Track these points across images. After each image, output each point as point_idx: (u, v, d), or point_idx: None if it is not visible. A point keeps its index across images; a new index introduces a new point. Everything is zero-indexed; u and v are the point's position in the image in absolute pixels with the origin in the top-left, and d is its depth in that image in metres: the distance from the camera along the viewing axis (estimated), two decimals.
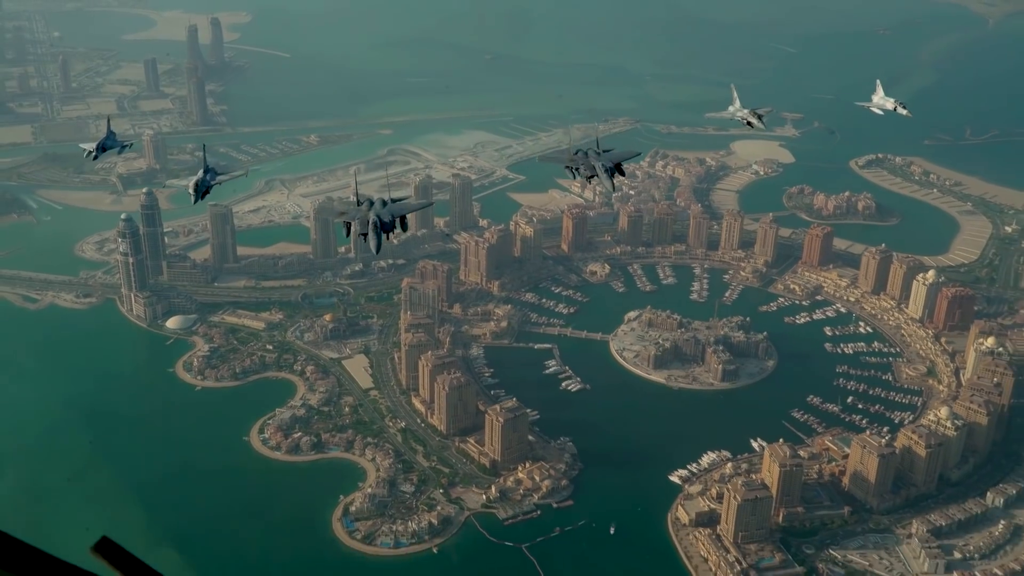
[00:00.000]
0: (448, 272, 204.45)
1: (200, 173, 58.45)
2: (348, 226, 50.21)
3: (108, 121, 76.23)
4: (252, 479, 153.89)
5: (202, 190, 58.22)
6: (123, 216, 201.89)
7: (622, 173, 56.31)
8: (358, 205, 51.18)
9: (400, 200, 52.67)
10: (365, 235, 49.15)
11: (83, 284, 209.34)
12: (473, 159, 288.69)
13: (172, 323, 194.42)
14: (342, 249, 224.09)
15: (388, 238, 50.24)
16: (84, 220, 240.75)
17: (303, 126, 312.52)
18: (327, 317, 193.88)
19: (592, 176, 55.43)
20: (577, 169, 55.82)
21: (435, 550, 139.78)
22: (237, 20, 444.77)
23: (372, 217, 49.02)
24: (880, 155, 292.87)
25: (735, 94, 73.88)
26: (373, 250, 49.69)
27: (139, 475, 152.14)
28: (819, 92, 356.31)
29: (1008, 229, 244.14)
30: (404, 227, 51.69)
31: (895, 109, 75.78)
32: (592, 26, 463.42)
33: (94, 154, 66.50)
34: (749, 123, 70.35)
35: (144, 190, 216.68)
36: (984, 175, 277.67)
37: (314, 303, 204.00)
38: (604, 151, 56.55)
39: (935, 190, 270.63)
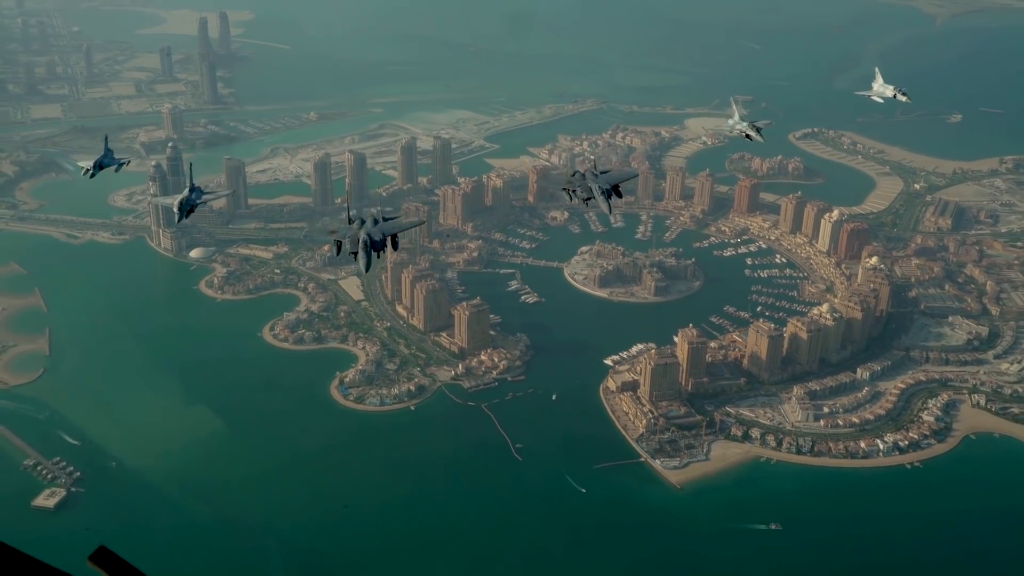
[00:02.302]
0: (428, 212, 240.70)
1: (185, 192, 59.13)
2: (339, 244, 51.30)
3: (105, 139, 76.25)
4: (265, 362, 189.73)
5: (186, 209, 58.88)
6: (153, 163, 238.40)
7: (619, 195, 56.73)
8: (350, 223, 52.06)
9: (391, 219, 53.24)
10: (355, 253, 50.00)
11: (117, 225, 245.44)
12: (455, 132, 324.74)
13: (195, 253, 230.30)
14: (339, 200, 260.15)
15: (378, 256, 50.98)
16: (114, 178, 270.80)
17: (302, 105, 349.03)
18: (325, 248, 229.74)
19: (589, 198, 56.10)
20: (574, 191, 56.43)
21: (412, 408, 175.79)
22: (241, 18, 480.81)
23: (363, 236, 49.90)
24: (816, 129, 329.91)
25: (735, 107, 77.90)
26: (362, 268, 50.58)
27: (172, 358, 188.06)
28: (773, 79, 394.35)
29: (916, 187, 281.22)
30: (395, 246, 51.93)
31: (895, 96, 76.47)
32: (569, 23, 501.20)
33: (91, 172, 66.43)
34: (748, 136, 71.13)
35: (170, 144, 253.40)
36: (905, 145, 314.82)
37: (314, 240, 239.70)
38: (602, 172, 57.37)
39: (859, 156, 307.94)
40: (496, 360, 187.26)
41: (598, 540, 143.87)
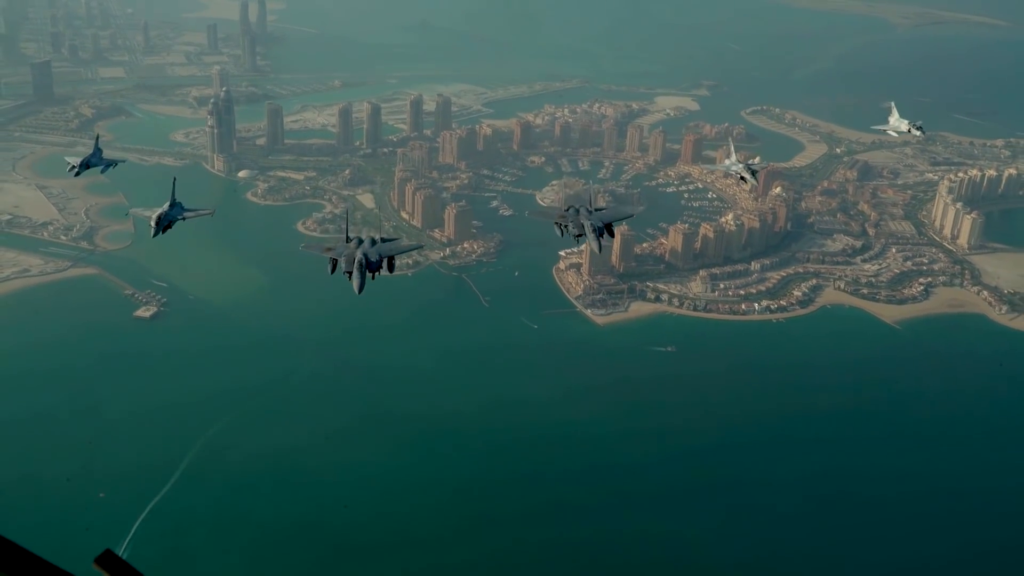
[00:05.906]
0: (431, 149, 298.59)
1: (165, 206, 59.52)
2: (334, 262, 51.44)
3: (96, 139, 75.35)
4: (298, 243, 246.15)
5: (164, 224, 58.70)
6: (211, 100, 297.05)
7: (611, 234, 55.51)
8: (347, 241, 52.42)
9: (390, 240, 53.42)
10: (350, 273, 49.95)
11: (178, 153, 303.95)
12: (457, 99, 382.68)
13: (242, 174, 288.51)
14: (357, 143, 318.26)
15: (373, 277, 50.82)
16: (173, 122, 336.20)
17: (328, 75, 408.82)
18: (346, 172, 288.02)
19: (580, 235, 55.20)
20: (565, 227, 55.66)
21: (410, 274, 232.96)
22: (274, 6, 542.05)
23: (359, 256, 50.25)
24: (764, 106, 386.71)
25: (732, 147, 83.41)
26: (356, 290, 49.59)
27: (228, 239, 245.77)
28: (742, 71, 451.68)
29: (838, 150, 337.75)
30: (391, 268, 51.65)
31: (909, 131, 78.47)
32: (563, 20, 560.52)
33: (76, 170, 66.87)
34: (743, 178, 71.50)
35: (223, 88, 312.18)
36: (838, 122, 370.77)
37: (336, 169, 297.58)
38: (596, 209, 56.45)
39: (797, 128, 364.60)
40: (475, 248, 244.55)
41: (542, 352, 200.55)
